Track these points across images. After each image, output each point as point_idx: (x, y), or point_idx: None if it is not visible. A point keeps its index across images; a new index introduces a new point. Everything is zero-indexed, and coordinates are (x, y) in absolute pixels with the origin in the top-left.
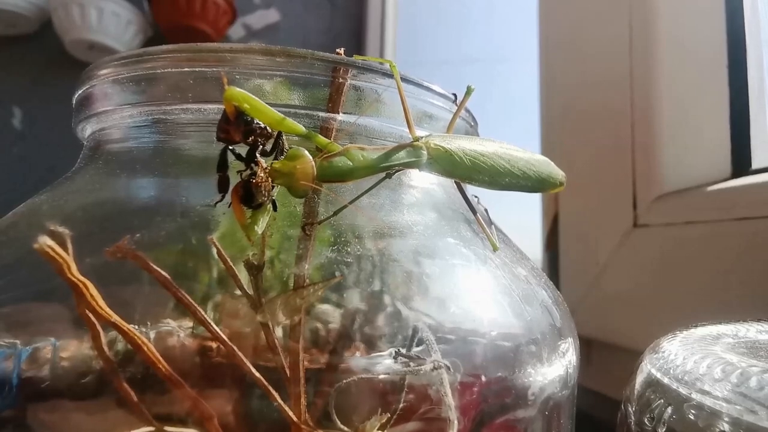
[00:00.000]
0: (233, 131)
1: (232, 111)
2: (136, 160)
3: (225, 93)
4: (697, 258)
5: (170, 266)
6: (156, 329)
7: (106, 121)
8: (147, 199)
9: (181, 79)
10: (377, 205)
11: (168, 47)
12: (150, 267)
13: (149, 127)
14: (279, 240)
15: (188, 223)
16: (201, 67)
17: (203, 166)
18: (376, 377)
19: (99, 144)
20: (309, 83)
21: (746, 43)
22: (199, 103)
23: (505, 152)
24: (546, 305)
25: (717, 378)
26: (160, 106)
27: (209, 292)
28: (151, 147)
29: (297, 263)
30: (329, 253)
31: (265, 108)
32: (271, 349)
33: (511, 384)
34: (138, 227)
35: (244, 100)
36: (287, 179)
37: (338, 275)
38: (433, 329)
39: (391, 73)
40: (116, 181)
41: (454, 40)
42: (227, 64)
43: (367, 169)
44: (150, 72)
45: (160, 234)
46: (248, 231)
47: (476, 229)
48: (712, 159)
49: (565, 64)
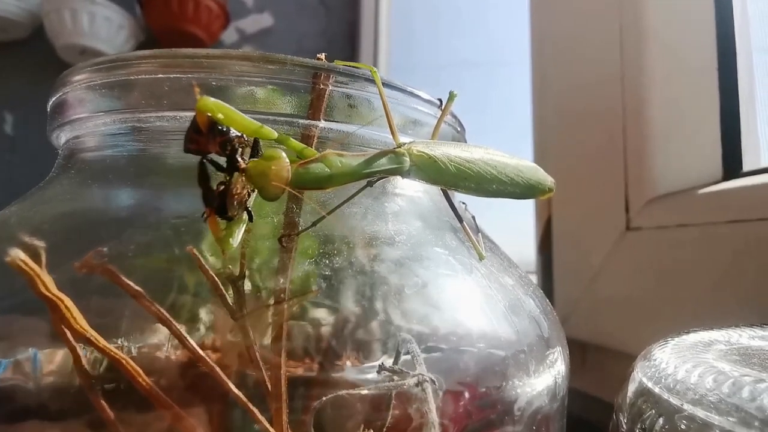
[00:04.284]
0: (205, 141)
1: (205, 121)
2: (109, 169)
3: (198, 103)
4: (689, 261)
5: (141, 280)
6: (141, 342)
7: (80, 128)
8: (119, 210)
9: (157, 86)
10: (359, 215)
11: (143, 53)
12: (122, 281)
13: (123, 136)
14: (267, 250)
15: (161, 235)
16: (176, 74)
17: (180, 176)
18: (359, 393)
19: (73, 152)
20: (289, 90)
21: (736, 46)
22: (175, 110)
23: (492, 158)
24: (534, 315)
25: (709, 388)
26: (135, 114)
27: (190, 304)
28: (126, 156)
29: (276, 276)
30: (306, 266)
31: (240, 117)
32: (252, 363)
33: (498, 398)
34: (108, 239)
35: (218, 109)
36: (259, 179)
37: (315, 289)
38: (417, 342)
39: (372, 79)
40: (88, 191)
41: (447, 44)
42: (204, 71)
43: (346, 176)
44: (124, 78)
45: (129, 247)
46: (223, 243)
47: (462, 237)
48: (703, 162)
49: (557, 68)
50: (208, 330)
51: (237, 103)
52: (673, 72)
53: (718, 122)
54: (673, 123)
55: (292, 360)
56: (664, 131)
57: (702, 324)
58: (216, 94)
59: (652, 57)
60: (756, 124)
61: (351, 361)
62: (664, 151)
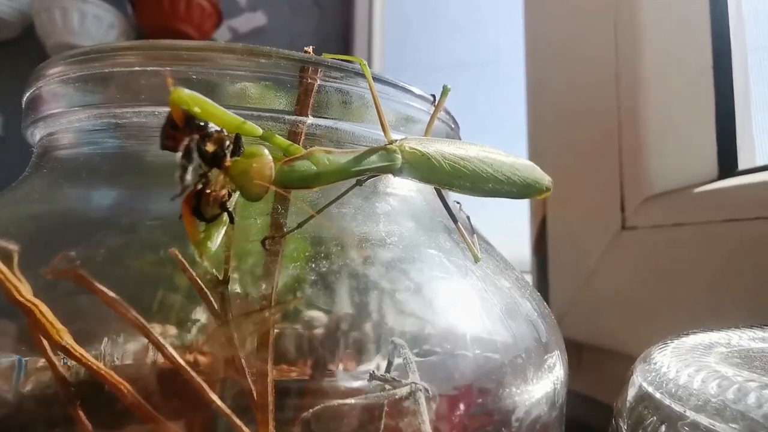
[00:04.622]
0: (182, 137)
1: (180, 115)
2: (83, 167)
3: (171, 95)
4: (685, 260)
5: (115, 286)
6: (122, 349)
7: (53, 125)
8: (91, 211)
9: (133, 80)
10: (349, 215)
11: (120, 44)
12: (94, 287)
13: (99, 132)
14: (255, 253)
15: (136, 237)
16: (155, 66)
17: (158, 174)
18: (349, 403)
19: (47, 150)
20: (276, 84)
21: (731, 45)
22: (153, 105)
23: (488, 156)
24: (531, 318)
25: (713, 394)
26: (111, 109)
27: (177, 306)
28: (101, 154)
29: (261, 280)
30: (291, 270)
31: (220, 111)
32: (238, 371)
33: (494, 407)
34: (78, 242)
35: (194, 102)
36: (241, 178)
37: (300, 295)
38: (410, 348)
39: (362, 73)
40: (59, 191)
41: (441, 45)
42: (184, 63)
43: (334, 174)
44: (99, 71)
45: (100, 251)
46: (200, 246)
47: (457, 238)
48: (698, 160)
49: (552, 67)
50: (193, 336)
51: (220, 98)
52: (668, 71)
53: (713, 121)
54: (668, 122)
55: (280, 365)
56: (660, 130)
57: (699, 324)
58: (197, 89)
59: (647, 56)
60: (751, 122)
61: (343, 365)
62: (660, 150)
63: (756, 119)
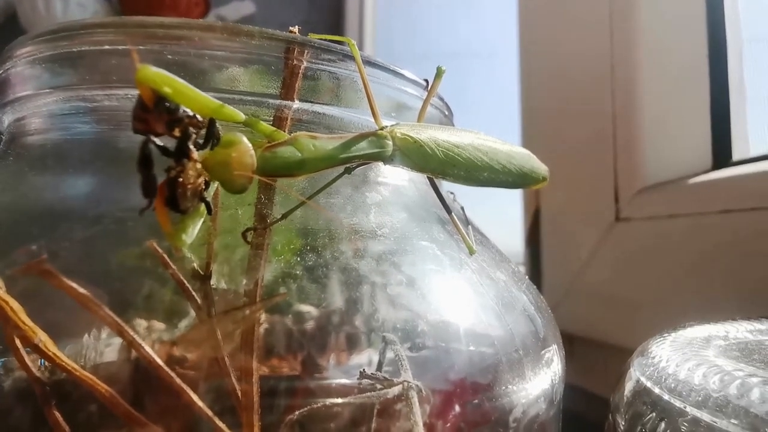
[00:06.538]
0: (153, 120)
1: (149, 96)
2: (49, 154)
3: (137, 73)
4: (679, 251)
5: (84, 281)
6: (100, 347)
7: (21, 109)
8: (55, 201)
9: (104, 60)
10: (338, 206)
11: (90, 21)
12: (64, 284)
13: (68, 117)
14: (240, 246)
15: (101, 229)
16: (125, 46)
17: (132, 161)
18: (339, 403)
19: (14, 137)
20: (258, 65)
21: (726, 35)
22: (126, 87)
23: (483, 144)
24: (528, 312)
25: (714, 389)
26: (80, 92)
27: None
28: (69, 139)
29: (246, 274)
30: (275, 263)
31: (194, 93)
32: (222, 370)
33: (490, 405)
34: (40, 235)
35: (163, 81)
36: (220, 171)
37: (283, 291)
38: (401, 343)
39: (352, 55)
40: (23, 180)
41: (434, 34)
42: (159, 42)
43: (320, 161)
44: (67, 50)
45: (63, 245)
46: (174, 239)
47: (451, 230)
48: (693, 151)
49: (546, 58)
50: (172, 336)
51: (198, 80)
52: (663, 61)
53: (708, 111)
54: (662, 112)
55: (270, 360)
56: (654, 121)
57: (693, 315)
58: (173, 71)
59: (642, 46)
60: (746, 113)
61: (333, 361)
62: (654, 140)
63: (750, 110)
